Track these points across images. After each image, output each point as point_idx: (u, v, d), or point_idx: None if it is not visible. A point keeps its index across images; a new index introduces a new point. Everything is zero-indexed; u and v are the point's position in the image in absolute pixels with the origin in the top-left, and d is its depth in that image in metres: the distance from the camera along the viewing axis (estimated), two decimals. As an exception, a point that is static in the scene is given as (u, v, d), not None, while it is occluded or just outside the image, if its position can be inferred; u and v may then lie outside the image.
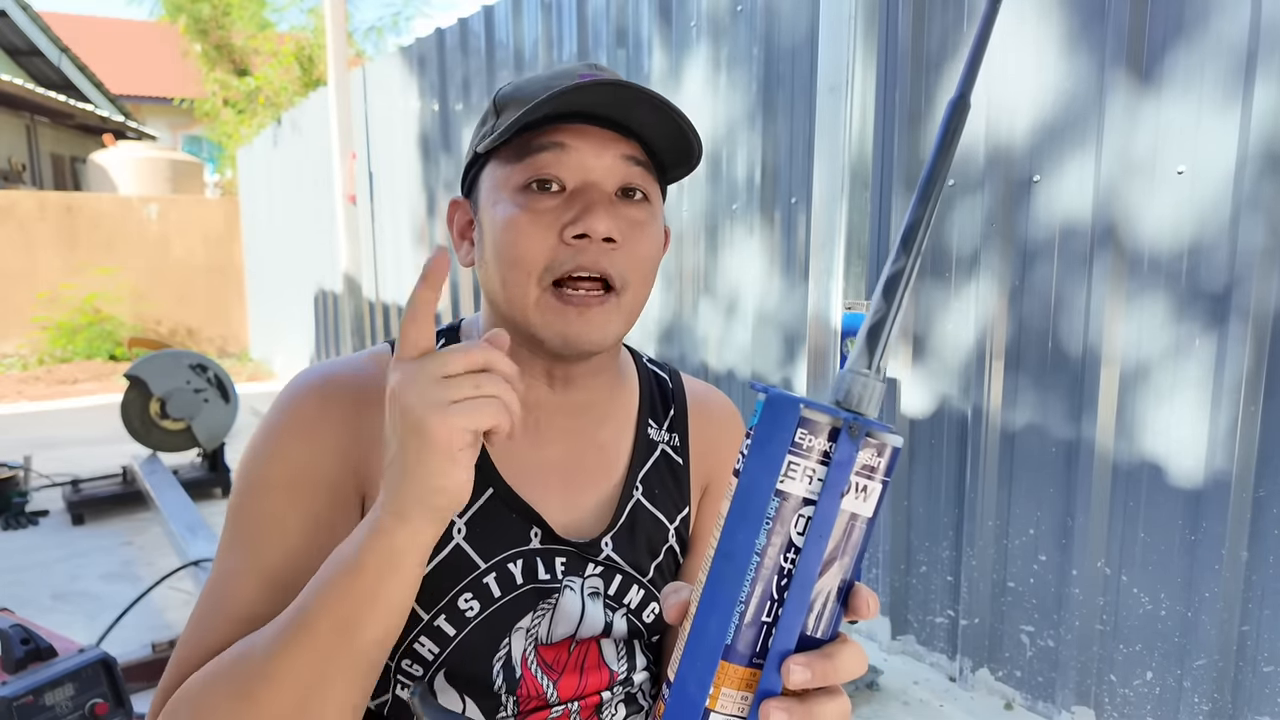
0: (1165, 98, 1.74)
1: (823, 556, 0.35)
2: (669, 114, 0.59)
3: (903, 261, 0.36)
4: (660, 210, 0.66)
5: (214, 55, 10.98)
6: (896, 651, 2.40)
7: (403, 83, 4.91)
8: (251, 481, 0.61)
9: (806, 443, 0.35)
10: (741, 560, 0.36)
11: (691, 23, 2.92)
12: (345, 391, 0.63)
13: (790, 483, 0.35)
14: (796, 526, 0.35)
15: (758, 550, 0.35)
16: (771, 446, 0.35)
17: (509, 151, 0.61)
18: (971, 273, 2.12)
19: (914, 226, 0.36)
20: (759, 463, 0.36)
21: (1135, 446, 1.84)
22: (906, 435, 2.33)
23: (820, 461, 0.35)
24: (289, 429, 0.61)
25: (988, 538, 2.13)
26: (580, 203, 0.59)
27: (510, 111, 0.61)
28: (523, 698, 0.64)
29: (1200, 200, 1.70)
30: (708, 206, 2.94)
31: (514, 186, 0.60)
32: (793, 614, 0.35)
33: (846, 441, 0.34)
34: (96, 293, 8.08)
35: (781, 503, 0.35)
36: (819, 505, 0.35)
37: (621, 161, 0.61)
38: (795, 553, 0.35)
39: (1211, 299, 1.69)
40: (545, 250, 0.59)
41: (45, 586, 2.94)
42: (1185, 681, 1.79)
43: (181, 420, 3.89)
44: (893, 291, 0.36)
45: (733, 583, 0.36)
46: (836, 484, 0.35)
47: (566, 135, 0.60)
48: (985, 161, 2.06)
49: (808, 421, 0.35)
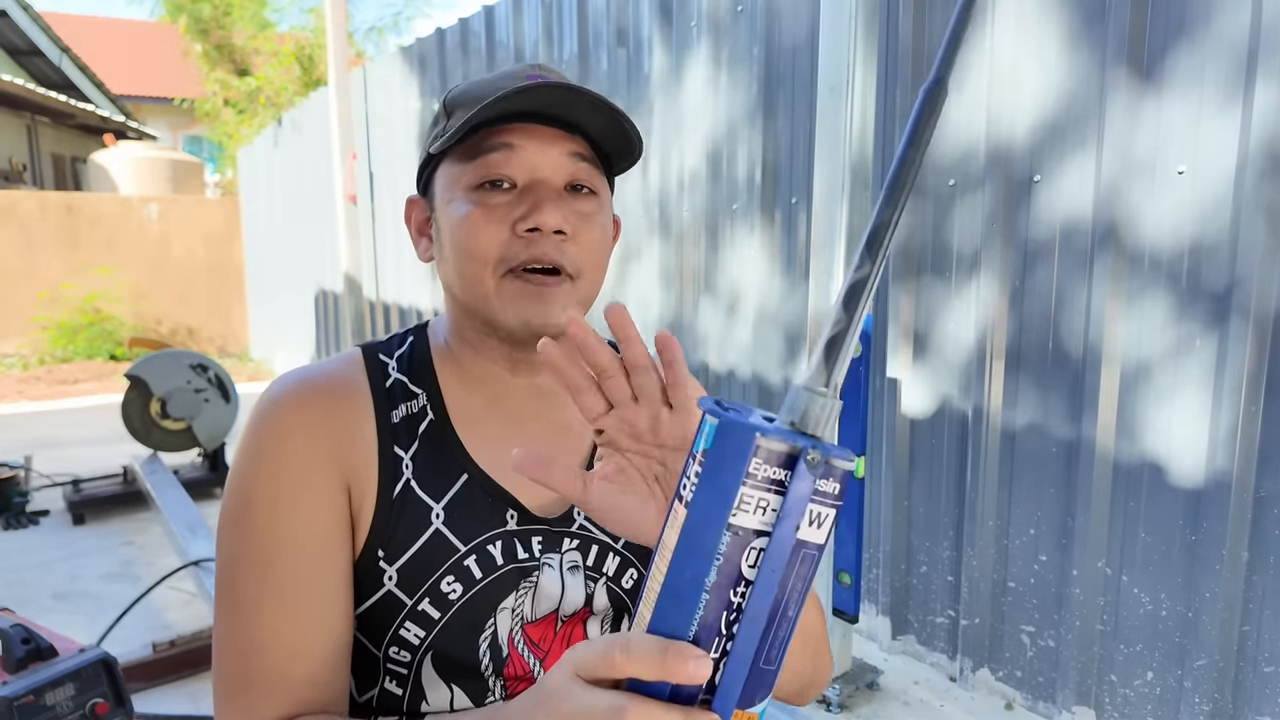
0: (1166, 97, 1.74)
1: (774, 590, 0.33)
2: (610, 112, 0.62)
3: (867, 268, 0.33)
4: (608, 201, 0.69)
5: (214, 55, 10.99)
6: (897, 651, 2.40)
7: (403, 83, 4.91)
8: (250, 499, 0.61)
9: (761, 473, 0.33)
10: (690, 600, 0.34)
11: (692, 22, 2.92)
12: (319, 393, 0.64)
13: (743, 516, 0.33)
14: (748, 560, 0.33)
15: (707, 588, 0.33)
16: (723, 477, 0.33)
17: (461, 152, 0.65)
18: (972, 272, 2.12)
19: (880, 228, 0.33)
20: (710, 495, 0.33)
21: (1136, 446, 1.84)
22: (907, 435, 2.33)
23: (775, 491, 0.33)
24: (273, 440, 0.62)
25: (988, 538, 2.13)
26: (530, 198, 0.62)
27: (460, 113, 0.64)
28: (510, 678, 0.64)
29: (1201, 200, 1.70)
30: (708, 206, 2.94)
31: (467, 185, 0.64)
32: (743, 649, 0.33)
33: (805, 471, 0.32)
34: (97, 292, 8.08)
35: (733, 537, 0.33)
36: (773, 537, 0.33)
37: (568, 158, 0.64)
38: (746, 586, 0.33)
39: (1212, 299, 1.69)
40: (499, 243, 0.63)
41: (46, 586, 2.94)
42: (1186, 682, 1.79)
43: (182, 420, 3.89)
44: (855, 301, 0.33)
45: (680, 622, 0.34)
46: (792, 515, 0.32)
47: (514, 135, 0.63)
48: (986, 161, 2.05)
49: (763, 450, 0.32)
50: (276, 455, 0.61)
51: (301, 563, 0.60)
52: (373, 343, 0.71)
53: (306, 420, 0.62)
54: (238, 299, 9.14)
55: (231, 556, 0.61)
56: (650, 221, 3.20)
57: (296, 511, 0.60)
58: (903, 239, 2.25)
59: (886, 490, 2.37)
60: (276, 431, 0.62)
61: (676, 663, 0.33)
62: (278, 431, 0.62)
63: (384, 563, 0.63)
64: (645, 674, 0.34)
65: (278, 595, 0.59)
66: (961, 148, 2.12)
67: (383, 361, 0.68)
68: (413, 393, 0.67)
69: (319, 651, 0.60)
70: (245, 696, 0.59)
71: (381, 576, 0.63)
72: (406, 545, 0.63)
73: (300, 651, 0.59)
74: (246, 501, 0.61)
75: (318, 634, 0.60)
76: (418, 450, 0.65)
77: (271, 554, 0.60)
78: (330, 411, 0.63)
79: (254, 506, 0.60)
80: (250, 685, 0.59)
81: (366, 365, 0.67)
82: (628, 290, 3.35)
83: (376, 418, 0.65)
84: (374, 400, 0.65)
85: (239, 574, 0.60)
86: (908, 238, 2.25)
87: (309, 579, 0.60)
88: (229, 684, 0.60)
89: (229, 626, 0.60)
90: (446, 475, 0.65)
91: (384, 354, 0.69)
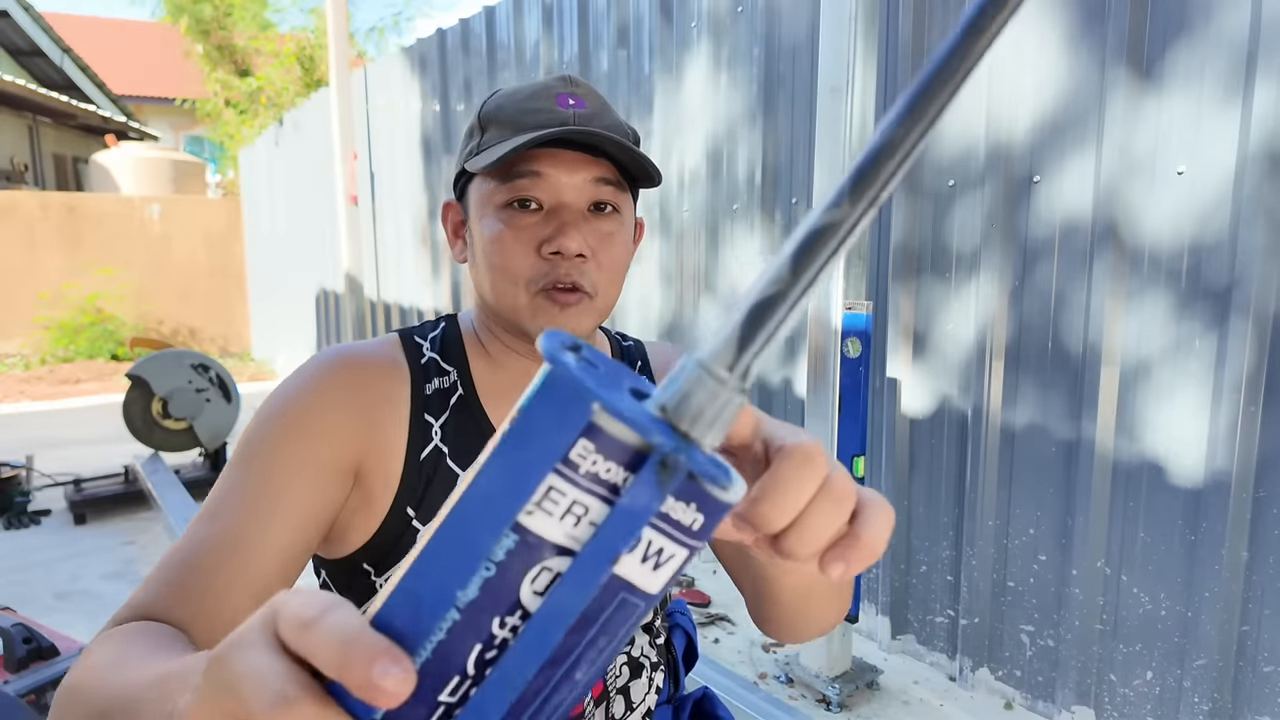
0: (1166, 97, 1.74)
1: (557, 637, 0.23)
2: (630, 152, 0.68)
3: (842, 211, 0.23)
4: (630, 216, 0.74)
5: (216, 56, 11.00)
6: (896, 651, 2.40)
7: (404, 83, 4.91)
8: (261, 444, 0.64)
9: (586, 463, 0.23)
10: (431, 613, 0.23)
11: (692, 23, 2.93)
12: (357, 366, 0.70)
13: (542, 518, 0.23)
14: (536, 583, 0.23)
15: (460, 605, 0.23)
16: (527, 453, 0.23)
17: (494, 172, 0.70)
18: (972, 272, 2.12)
19: (880, 157, 0.23)
20: (501, 473, 0.23)
21: (1135, 446, 1.84)
22: (906, 435, 2.33)
23: (601, 497, 0.23)
24: (299, 409, 0.66)
25: (988, 537, 2.13)
26: (556, 221, 0.68)
27: (494, 131, 0.70)
28: None
29: (1201, 199, 1.69)
30: (708, 206, 2.94)
31: (498, 204, 0.69)
32: (488, 707, 0.23)
33: (651, 480, 0.23)
34: (98, 293, 8.09)
35: (519, 544, 0.23)
36: (578, 562, 0.23)
37: (592, 183, 0.69)
38: (522, 620, 0.23)
39: (1212, 298, 1.69)
40: (527, 264, 0.69)
41: (47, 586, 2.95)
42: (1185, 681, 1.79)
43: (183, 420, 3.89)
44: (810, 257, 0.23)
45: (410, 635, 0.23)
46: (613, 537, 0.23)
47: (543, 163, 0.68)
48: (985, 160, 2.06)
49: (598, 432, 0.23)
50: (299, 425, 0.65)
51: (274, 517, 0.62)
52: (408, 328, 0.77)
53: (338, 397, 0.67)
54: (239, 299, 9.14)
55: (223, 483, 0.64)
56: (651, 222, 3.20)
57: (293, 479, 0.63)
58: (901, 238, 2.25)
59: (886, 490, 2.37)
60: (306, 402, 0.66)
61: (358, 664, 0.22)
62: (306, 403, 0.66)
63: (417, 521, 0.68)
64: (319, 663, 0.23)
65: (238, 538, 0.61)
66: (961, 147, 2.12)
67: (418, 343, 0.75)
68: (445, 370, 0.74)
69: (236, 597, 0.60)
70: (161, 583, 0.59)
71: (416, 536, 0.66)
72: (439, 507, 0.64)
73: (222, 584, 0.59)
74: (257, 444, 0.65)
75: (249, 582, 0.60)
76: (448, 420, 0.71)
77: (254, 498, 0.62)
78: (366, 387, 0.69)
79: (260, 452, 0.64)
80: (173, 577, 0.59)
81: (404, 345, 0.74)
82: (628, 290, 3.36)
83: (412, 388, 0.71)
84: (411, 375, 0.72)
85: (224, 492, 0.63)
86: (907, 236, 2.25)
87: (270, 538, 0.61)
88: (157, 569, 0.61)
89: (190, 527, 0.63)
90: (475, 444, 0.71)
91: (419, 336, 0.76)
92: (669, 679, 0.85)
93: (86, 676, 0.50)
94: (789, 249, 0.23)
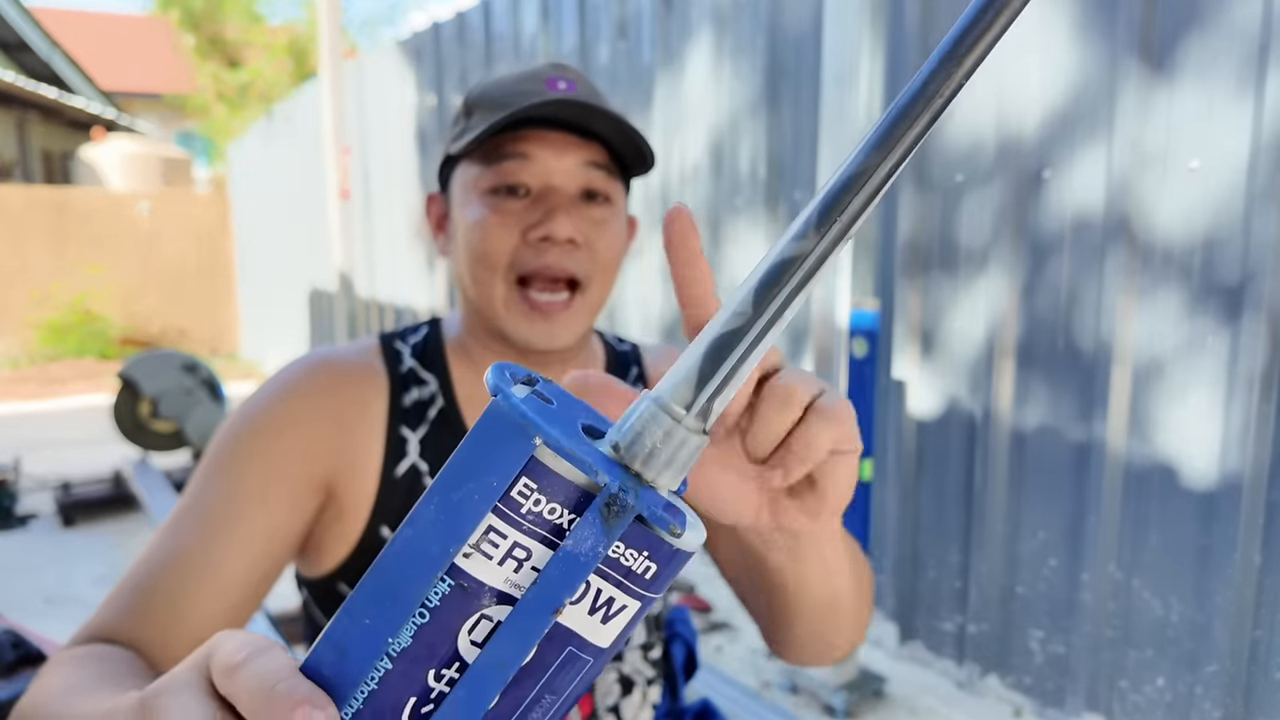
0: (1178, 90, 1.70)
1: (494, 691, 0.22)
2: (620, 124, 0.64)
3: (808, 243, 0.21)
4: (622, 207, 0.70)
5: (206, 48, 10.91)
6: (904, 658, 2.37)
7: (398, 76, 4.85)
8: (230, 455, 0.62)
9: (529, 503, 0.21)
10: (360, 661, 0.22)
11: (694, 12, 2.88)
12: (333, 376, 0.67)
13: (480, 561, 0.21)
14: (475, 632, 0.22)
15: (393, 654, 0.22)
16: (466, 491, 0.21)
17: (479, 155, 0.66)
18: (981, 269, 2.08)
19: (846, 189, 0.21)
20: (438, 512, 0.21)
21: (1147, 447, 1.80)
22: (914, 436, 2.29)
23: (545, 539, 0.21)
24: (271, 419, 0.63)
25: (996, 542, 2.10)
26: (544, 206, 0.64)
27: (480, 114, 0.65)
28: None
29: (1214, 194, 1.66)
30: (710, 201, 2.89)
31: (483, 189, 0.65)
32: None
33: (596, 522, 0.21)
34: (86, 292, 8.01)
35: (454, 590, 0.21)
36: (518, 610, 0.21)
37: (582, 167, 0.65)
38: (460, 671, 0.22)
39: (1225, 294, 1.66)
40: (510, 249, 0.64)
41: (36, 590, 2.90)
42: (1197, 688, 1.76)
43: (173, 421, 3.85)
44: (772, 291, 0.22)
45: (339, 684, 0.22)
46: (557, 584, 0.21)
47: (530, 144, 0.64)
48: (995, 154, 2.02)
49: (541, 470, 0.21)
50: (282, 428, 0.63)
51: (239, 533, 0.59)
52: (390, 331, 0.74)
53: (311, 405, 0.64)
54: (228, 298, 9.07)
55: (189, 494, 0.62)
56: (650, 218, 3.15)
57: (260, 496, 0.61)
58: (909, 234, 2.21)
59: (893, 493, 2.33)
60: (278, 411, 0.63)
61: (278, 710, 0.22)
62: (279, 413, 0.63)
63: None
64: (242, 708, 0.23)
65: (200, 559, 0.59)
66: (969, 141, 2.08)
67: (398, 349, 0.71)
68: (424, 379, 0.70)
69: (196, 620, 0.58)
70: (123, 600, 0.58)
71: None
72: None
73: (185, 606, 0.58)
74: (225, 455, 0.62)
75: (210, 602, 0.58)
76: (427, 434, 0.67)
77: (220, 513, 0.60)
78: (340, 395, 0.65)
79: (227, 465, 0.61)
80: (133, 600, 0.57)
81: (383, 352, 0.70)
82: (628, 288, 3.31)
83: (389, 400, 0.67)
84: (389, 384, 0.68)
85: (188, 506, 0.61)
86: (914, 232, 2.21)
87: (232, 559, 0.59)
88: (118, 588, 0.59)
89: (153, 540, 0.61)
90: None
91: (400, 341, 0.72)
92: (667, 691, 0.82)
93: (37, 704, 0.49)
94: (751, 282, 0.22)
